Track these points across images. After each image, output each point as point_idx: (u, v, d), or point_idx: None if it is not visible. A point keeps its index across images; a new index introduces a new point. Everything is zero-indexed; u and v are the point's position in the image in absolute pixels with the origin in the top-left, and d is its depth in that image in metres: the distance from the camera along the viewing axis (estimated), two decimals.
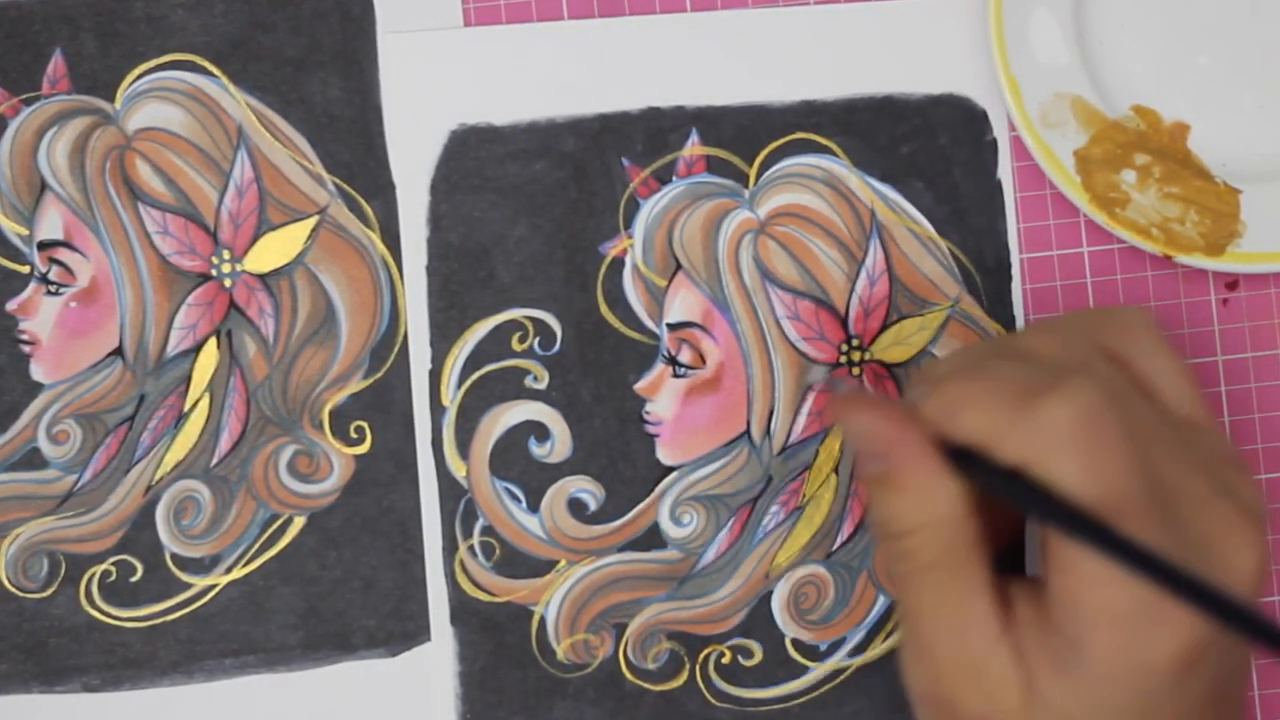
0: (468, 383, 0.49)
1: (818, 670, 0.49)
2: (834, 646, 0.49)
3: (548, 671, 0.48)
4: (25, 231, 0.48)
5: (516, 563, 0.48)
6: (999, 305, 0.49)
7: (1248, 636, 0.36)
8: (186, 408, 0.48)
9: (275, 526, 0.48)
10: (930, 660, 0.40)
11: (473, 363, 0.49)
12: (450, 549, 0.48)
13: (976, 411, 0.39)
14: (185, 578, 0.48)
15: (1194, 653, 0.37)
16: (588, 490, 0.49)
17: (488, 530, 0.48)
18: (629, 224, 0.49)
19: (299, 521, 0.48)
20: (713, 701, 0.48)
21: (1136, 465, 0.38)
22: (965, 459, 0.39)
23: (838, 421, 0.41)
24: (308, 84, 0.49)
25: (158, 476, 0.48)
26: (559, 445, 0.49)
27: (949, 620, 0.39)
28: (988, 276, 0.49)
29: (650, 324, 0.49)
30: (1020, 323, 0.49)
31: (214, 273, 0.48)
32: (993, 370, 0.40)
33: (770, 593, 0.49)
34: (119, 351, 0.48)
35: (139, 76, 0.49)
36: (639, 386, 0.49)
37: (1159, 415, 0.40)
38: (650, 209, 0.49)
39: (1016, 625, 0.39)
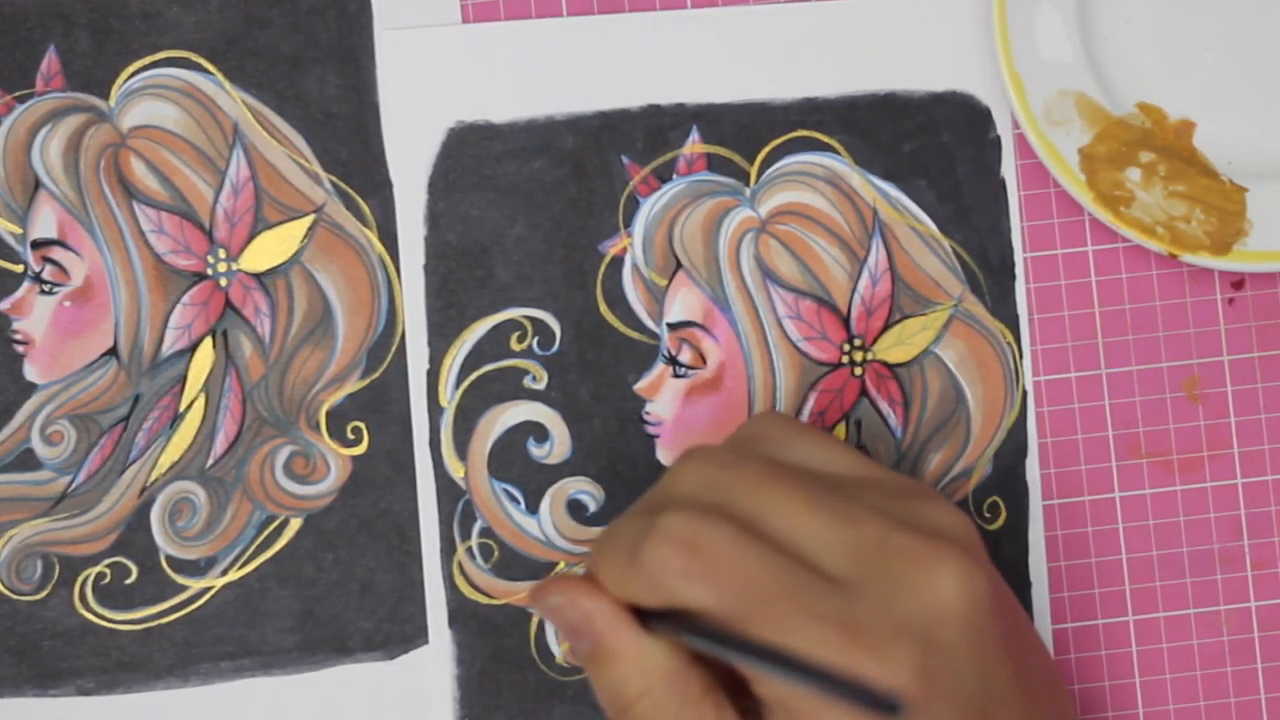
0: (466, 383, 0.48)
1: None
2: None
3: (547, 675, 0.48)
4: (19, 230, 0.48)
5: (515, 565, 0.48)
6: (1002, 304, 0.49)
7: (854, 705, 0.34)
8: (182, 408, 0.48)
9: (271, 528, 0.48)
10: None
11: (471, 363, 0.48)
12: (448, 551, 0.48)
13: (608, 577, 0.39)
14: (180, 580, 0.48)
15: (913, 699, 0.36)
16: (587, 491, 0.48)
17: (486, 532, 0.48)
18: (629, 222, 0.49)
19: (295, 523, 0.48)
20: None
21: (761, 555, 0.37)
22: (652, 618, 0.39)
23: (535, 607, 0.41)
24: (304, 81, 0.48)
25: (153, 478, 0.48)
26: (558, 446, 0.48)
27: None
28: (991, 275, 0.49)
29: (650, 323, 0.48)
30: (1024, 322, 0.49)
31: (209, 272, 0.48)
32: (615, 529, 0.40)
33: None
34: (113, 351, 0.48)
35: (133, 74, 0.48)
36: (639, 387, 0.48)
37: (805, 484, 0.39)
38: (650, 207, 0.49)
39: None
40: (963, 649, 0.37)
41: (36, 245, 0.48)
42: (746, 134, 0.49)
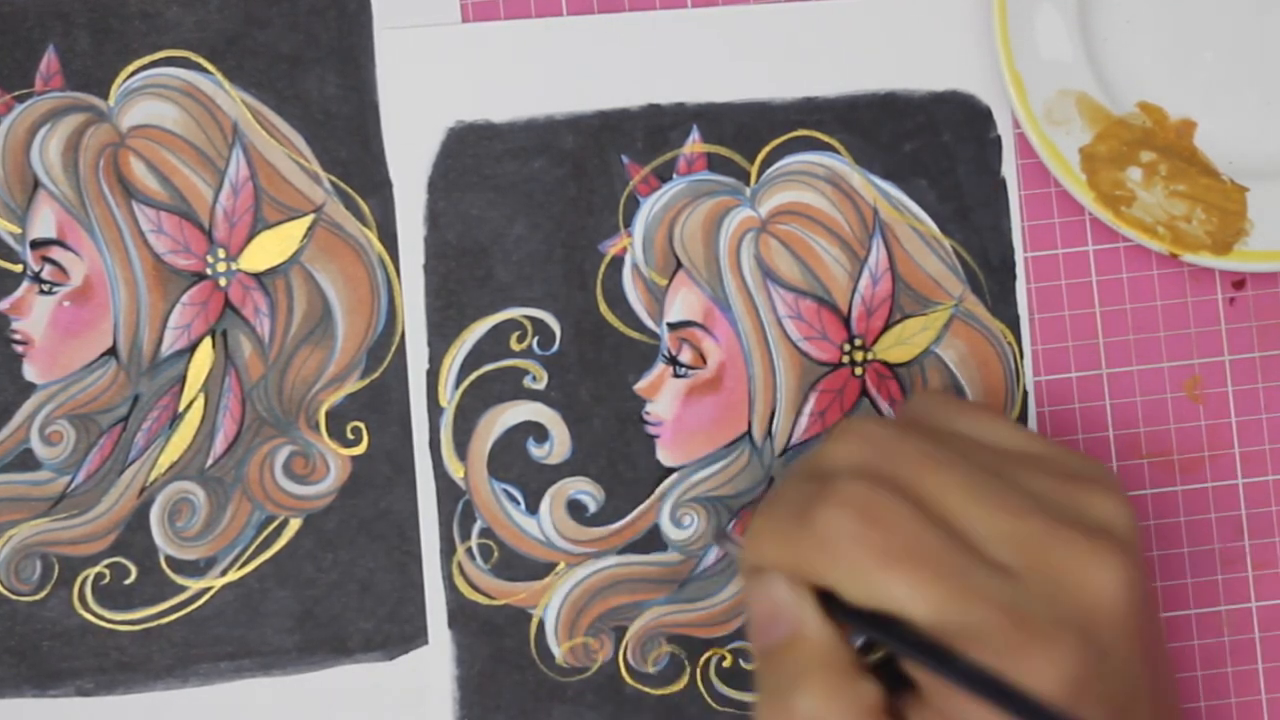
0: (466, 383, 0.48)
1: None
2: None
3: (546, 675, 0.48)
4: (18, 230, 0.48)
5: (515, 565, 0.48)
6: (1003, 304, 0.49)
7: None
8: (181, 408, 0.48)
9: (271, 528, 0.48)
10: None
11: (471, 362, 0.48)
12: (448, 551, 0.48)
13: (769, 544, 0.38)
14: (180, 580, 0.48)
15: (1069, 692, 0.36)
16: (587, 492, 0.48)
17: (486, 532, 0.48)
18: (629, 222, 0.48)
19: (295, 523, 0.48)
20: (714, 706, 0.48)
21: (936, 535, 0.37)
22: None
23: (748, 582, 0.41)
24: (304, 80, 0.48)
25: (152, 478, 0.48)
26: (558, 446, 0.48)
27: None
28: (992, 275, 0.49)
29: (650, 323, 0.48)
30: (1024, 322, 0.49)
31: (209, 271, 0.48)
32: (778, 495, 0.39)
33: None
34: (113, 351, 0.48)
35: (133, 73, 0.48)
36: (639, 387, 0.48)
37: (970, 469, 0.39)
38: (650, 207, 0.48)
39: None
40: (1119, 649, 0.37)
41: (36, 245, 0.48)
42: (747, 133, 0.49)
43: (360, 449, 0.48)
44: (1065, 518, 0.38)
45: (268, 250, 0.48)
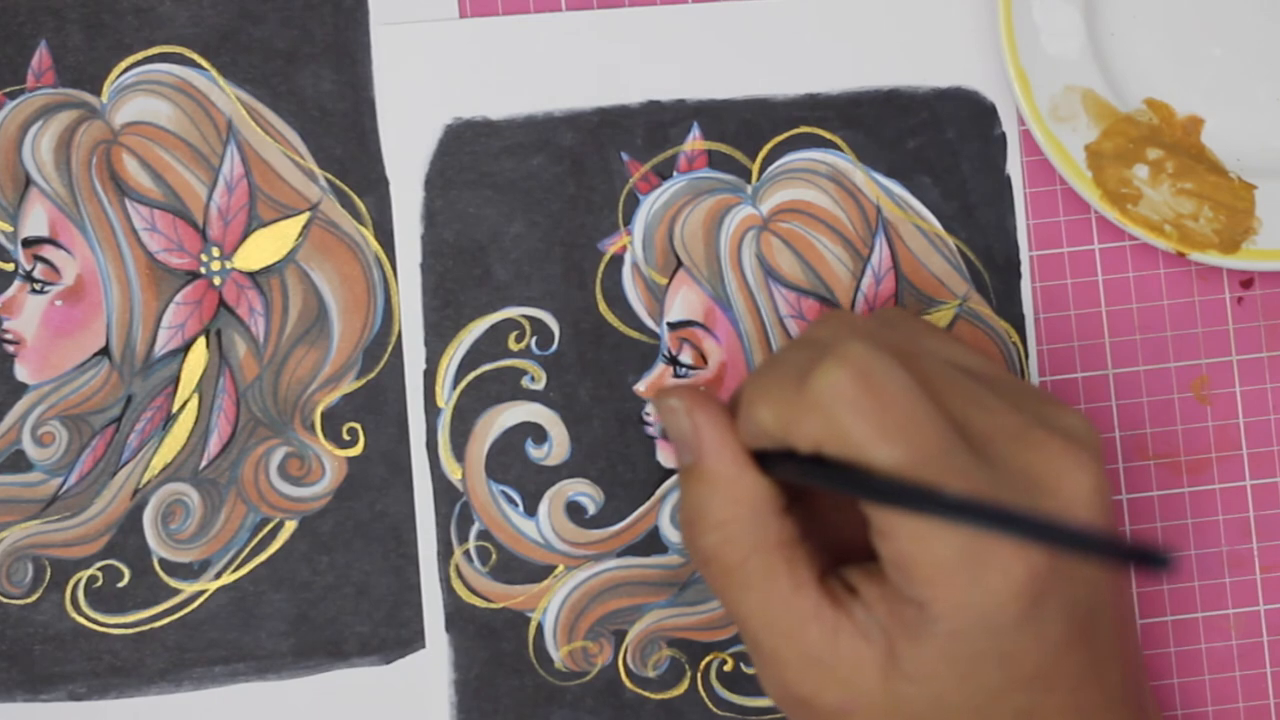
0: (463, 383, 0.48)
1: None
2: None
3: (545, 679, 0.48)
4: (9, 228, 0.47)
5: (513, 568, 0.48)
6: (1008, 303, 0.48)
7: (1078, 553, 0.34)
8: (175, 409, 0.47)
9: (266, 531, 0.47)
10: (775, 664, 0.39)
11: (468, 363, 0.48)
12: (445, 554, 0.48)
13: (763, 405, 0.39)
14: (173, 583, 0.47)
15: (1033, 587, 0.36)
16: (586, 494, 0.48)
17: (484, 534, 0.48)
18: (628, 220, 0.48)
19: (290, 526, 0.47)
20: (715, 710, 0.48)
21: (929, 411, 0.37)
22: (774, 460, 0.39)
23: (653, 403, 0.42)
24: (299, 77, 0.48)
25: (145, 479, 0.47)
26: (557, 447, 0.48)
27: (780, 620, 0.39)
28: (996, 274, 0.48)
29: (650, 323, 0.48)
30: (1029, 321, 0.48)
31: (203, 270, 0.47)
32: (776, 360, 0.40)
33: None
34: (105, 351, 0.47)
35: (126, 69, 0.48)
36: (639, 387, 0.48)
37: (951, 366, 0.39)
38: (650, 205, 0.48)
39: (861, 606, 0.38)
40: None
41: (28, 244, 0.47)
42: (748, 130, 0.48)
43: (356, 450, 0.48)
44: (1038, 421, 0.39)
45: (262, 249, 0.48)
